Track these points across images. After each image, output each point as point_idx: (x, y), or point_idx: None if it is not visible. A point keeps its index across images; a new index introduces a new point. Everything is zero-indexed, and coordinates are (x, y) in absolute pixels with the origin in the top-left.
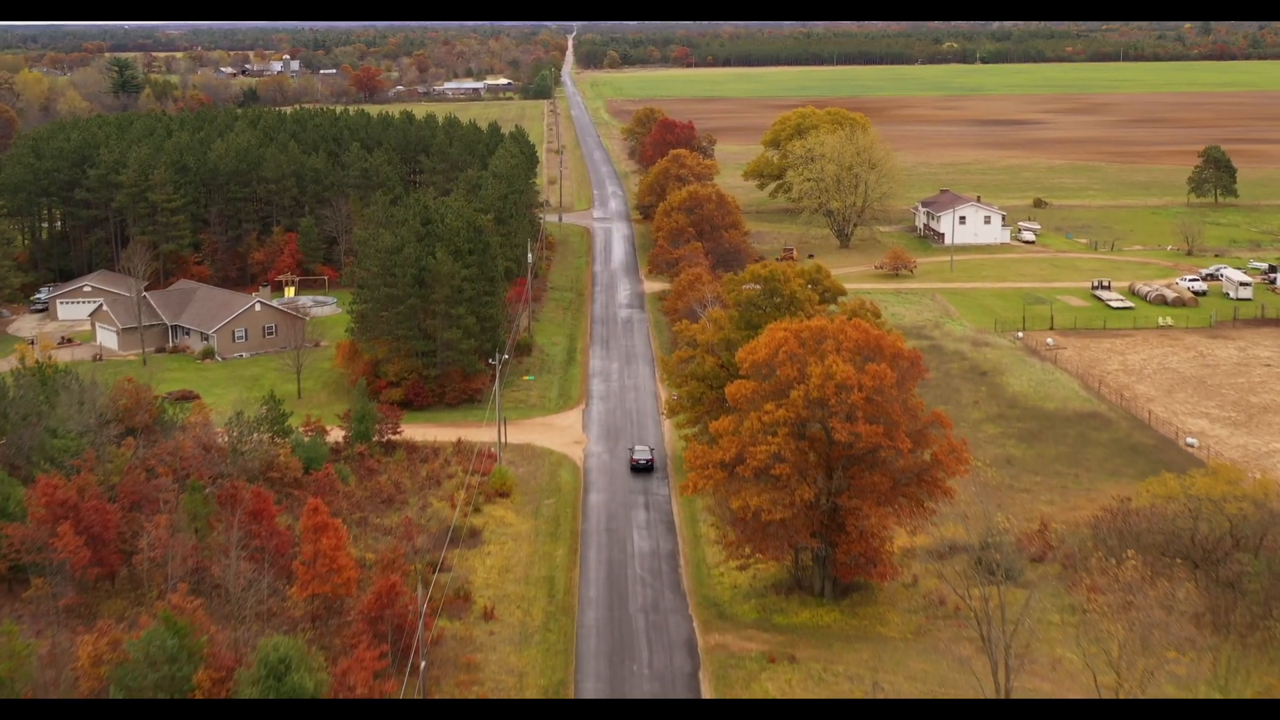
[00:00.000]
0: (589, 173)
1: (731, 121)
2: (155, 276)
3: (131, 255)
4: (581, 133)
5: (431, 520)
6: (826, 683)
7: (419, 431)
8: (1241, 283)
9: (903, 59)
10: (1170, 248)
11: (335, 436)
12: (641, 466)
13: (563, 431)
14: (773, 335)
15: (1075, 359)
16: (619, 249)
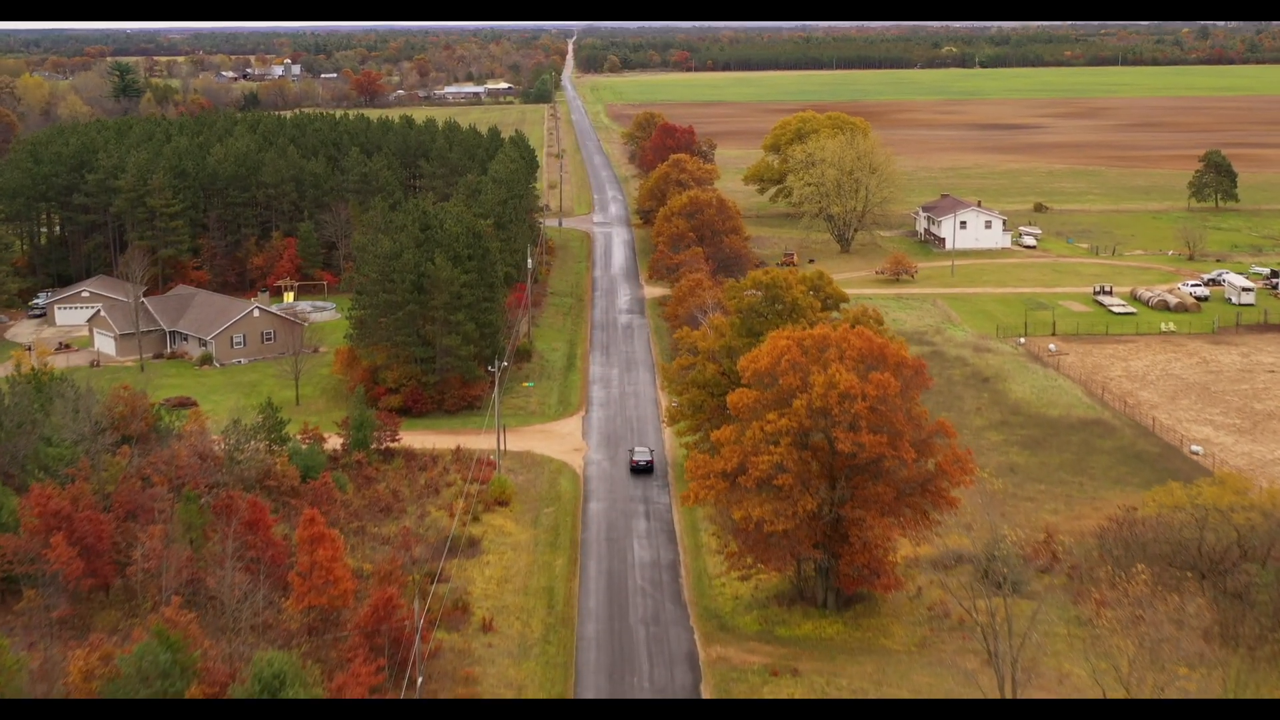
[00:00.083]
0: (589, 177)
1: (731, 126)
2: (154, 282)
3: (129, 261)
4: (582, 137)
5: (430, 530)
6: (830, 697)
7: (418, 439)
8: (1244, 288)
9: (901, 63)
10: (1172, 253)
11: (333, 444)
12: (641, 468)
13: (562, 439)
14: (775, 343)
15: (1078, 365)
16: (619, 254)
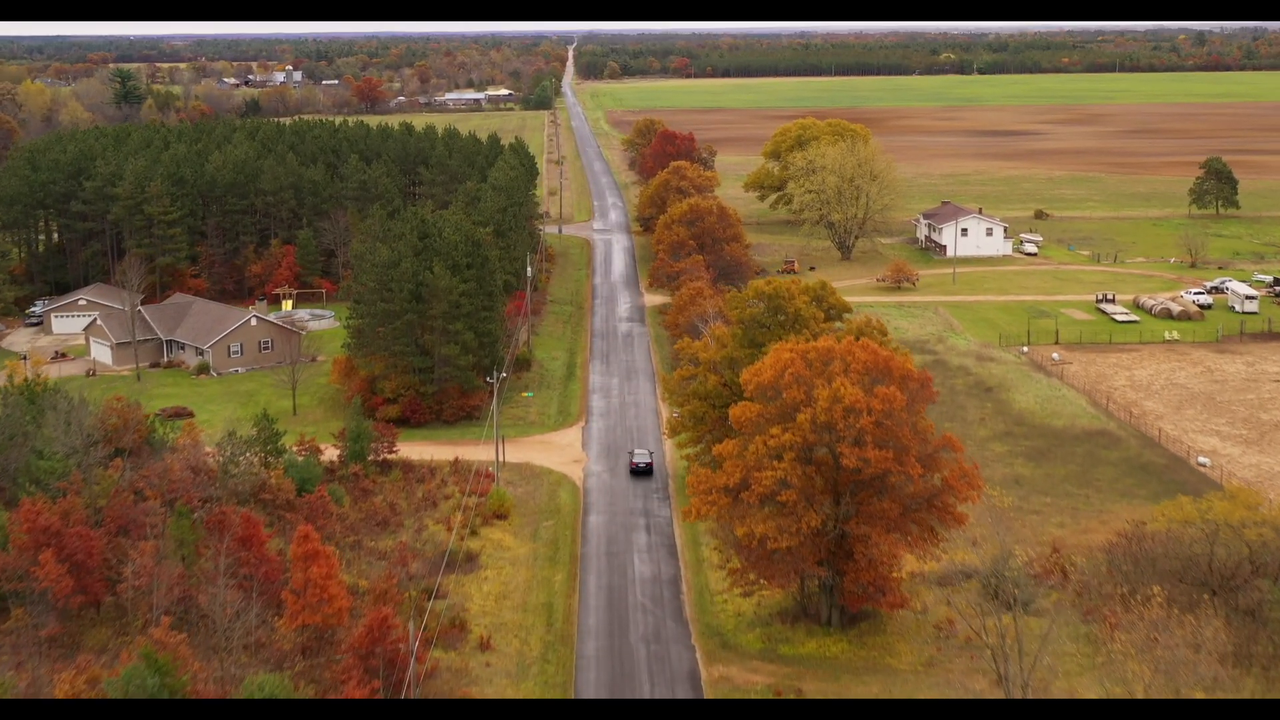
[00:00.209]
0: (589, 184)
1: (731, 132)
2: (152, 289)
3: (126, 269)
4: (582, 143)
5: (427, 544)
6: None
7: (415, 450)
8: (1247, 296)
9: (900, 70)
10: (1173, 260)
11: (330, 455)
12: (641, 470)
13: (562, 450)
14: (778, 356)
15: (1081, 374)
16: (619, 261)
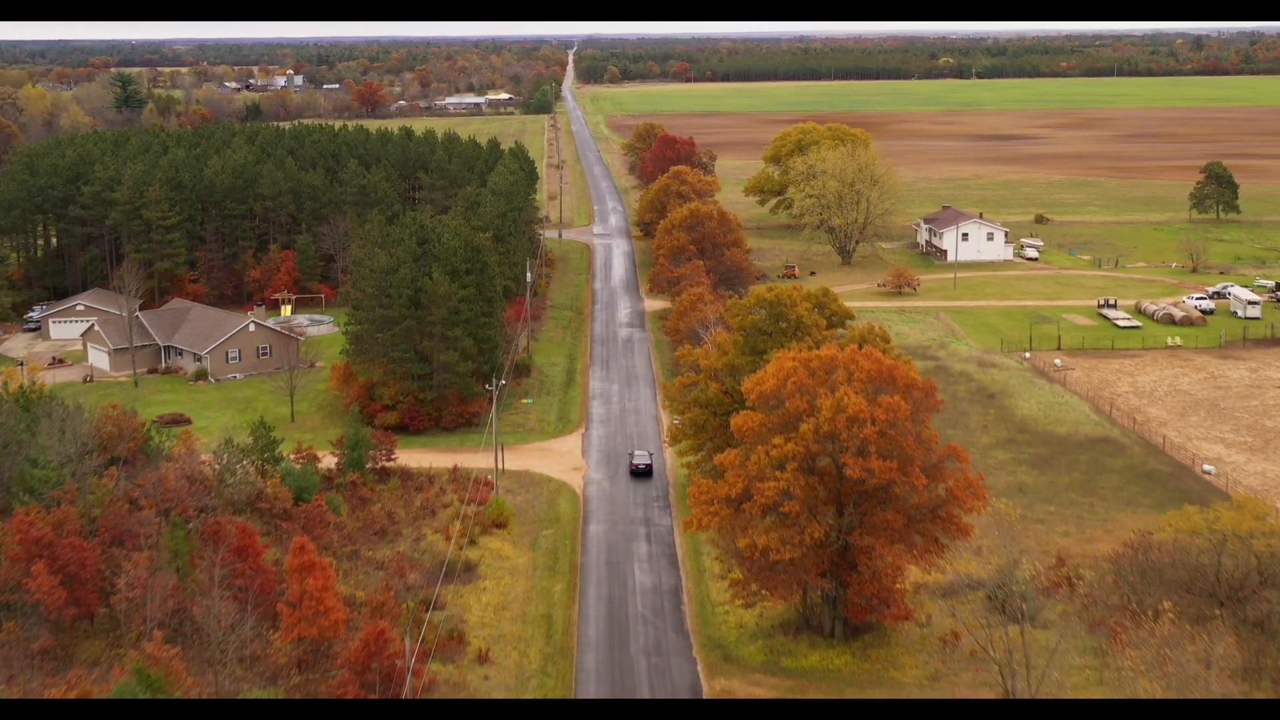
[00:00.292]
0: (589, 188)
1: (731, 136)
2: (150, 295)
3: (124, 274)
4: (582, 147)
5: (425, 554)
6: None
7: (414, 457)
8: (1250, 301)
9: (899, 74)
10: (1175, 265)
11: (328, 463)
12: (641, 471)
13: (562, 457)
14: (781, 365)
15: (1084, 380)
16: (619, 266)
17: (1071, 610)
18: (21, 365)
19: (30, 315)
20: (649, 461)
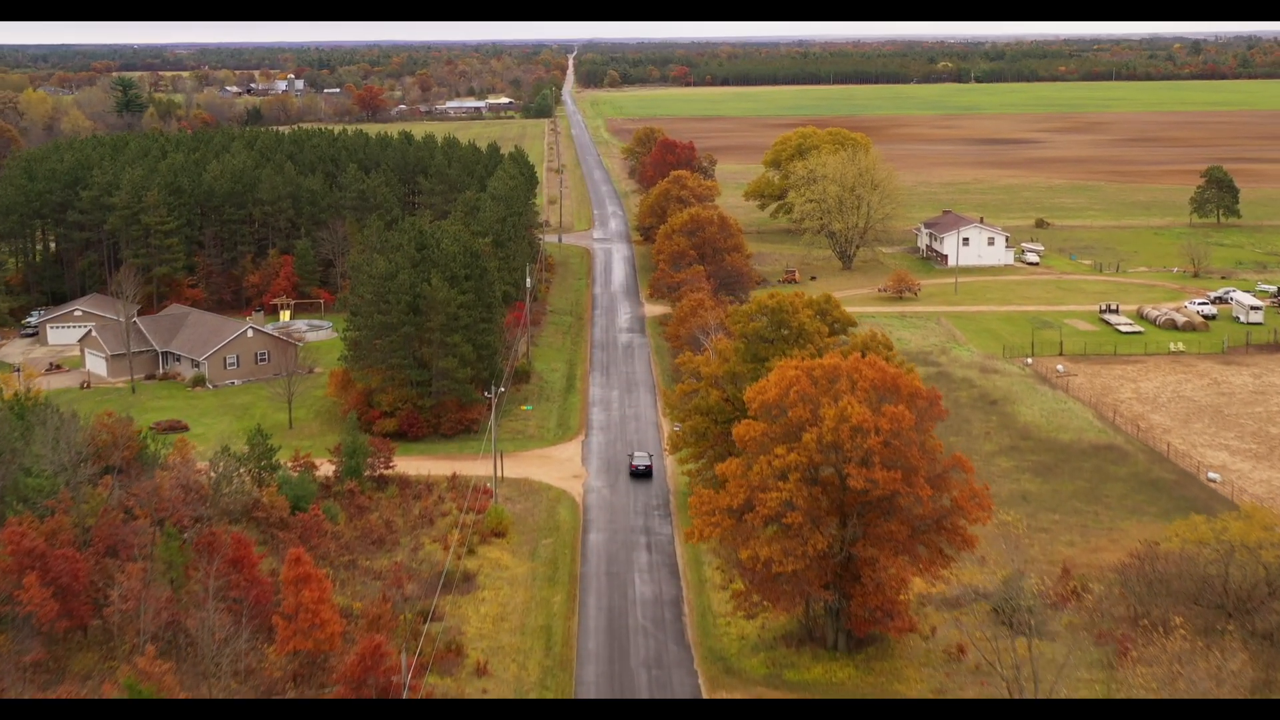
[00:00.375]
0: (589, 192)
1: (731, 140)
2: (149, 300)
3: (121, 279)
4: (582, 151)
5: (423, 564)
6: None
7: (412, 465)
8: (1252, 306)
9: (898, 78)
10: (1176, 269)
11: (325, 470)
12: (641, 472)
13: (561, 464)
14: (783, 374)
15: (1087, 386)
16: (619, 271)
17: (1078, 622)
18: (18, 371)
19: (28, 320)
20: (649, 463)
